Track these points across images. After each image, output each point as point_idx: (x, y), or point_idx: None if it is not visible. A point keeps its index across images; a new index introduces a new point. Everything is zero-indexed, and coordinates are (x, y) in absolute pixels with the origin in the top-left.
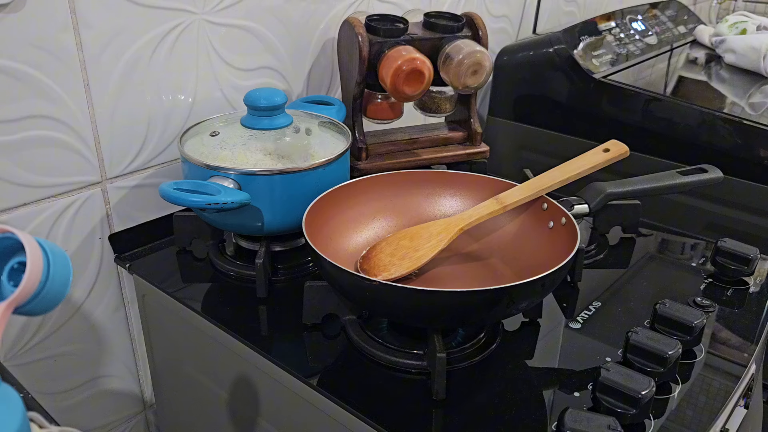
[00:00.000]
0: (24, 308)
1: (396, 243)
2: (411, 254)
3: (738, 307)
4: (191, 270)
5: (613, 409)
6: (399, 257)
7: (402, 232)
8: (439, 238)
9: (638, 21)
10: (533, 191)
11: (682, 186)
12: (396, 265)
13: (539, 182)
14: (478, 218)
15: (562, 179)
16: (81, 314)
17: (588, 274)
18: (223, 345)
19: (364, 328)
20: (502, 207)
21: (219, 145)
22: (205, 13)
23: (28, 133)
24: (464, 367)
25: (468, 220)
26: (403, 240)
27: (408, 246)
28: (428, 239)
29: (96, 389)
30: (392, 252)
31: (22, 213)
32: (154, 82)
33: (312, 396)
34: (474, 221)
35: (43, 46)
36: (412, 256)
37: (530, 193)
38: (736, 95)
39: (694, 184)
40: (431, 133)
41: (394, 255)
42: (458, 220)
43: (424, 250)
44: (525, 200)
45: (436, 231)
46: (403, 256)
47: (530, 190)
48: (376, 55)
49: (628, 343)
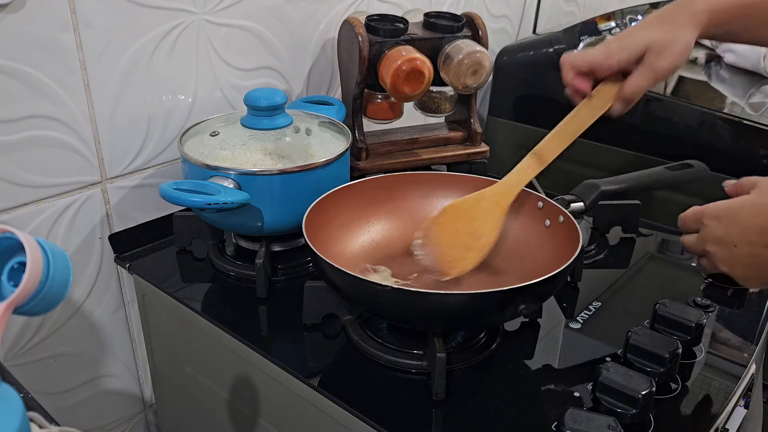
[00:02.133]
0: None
1: (453, 226)
2: (473, 243)
3: (738, 307)
4: (191, 270)
5: (613, 409)
6: (462, 248)
7: (452, 208)
8: (495, 218)
9: (638, 21)
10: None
11: (670, 180)
12: (464, 259)
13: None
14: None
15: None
16: (81, 314)
17: (588, 274)
18: (223, 345)
19: (364, 328)
20: (545, 164)
21: (219, 145)
22: (205, 13)
23: (28, 133)
24: (464, 367)
25: (517, 189)
26: (458, 223)
27: (467, 232)
28: (485, 221)
29: (96, 389)
30: (452, 243)
31: (22, 213)
32: (154, 82)
33: (312, 396)
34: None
35: (43, 46)
36: (475, 246)
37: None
38: (736, 95)
39: (681, 178)
40: (431, 133)
41: (456, 246)
42: (506, 191)
43: (484, 237)
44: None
45: (488, 207)
46: (467, 248)
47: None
48: (376, 55)
49: (628, 343)
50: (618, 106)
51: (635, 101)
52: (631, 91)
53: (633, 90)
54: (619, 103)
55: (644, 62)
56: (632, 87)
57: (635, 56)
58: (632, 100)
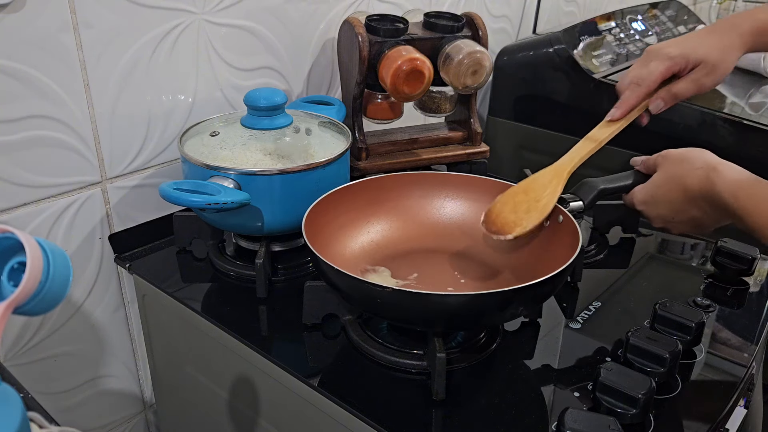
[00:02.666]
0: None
1: (513, 201)
2: (534, 205)
3: (738, 307)
4: (191, 270)
5: (613, 409)
6: (524, 210)
7: (510, 191)
8: (553, 185)
9: (638, 21)
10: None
11: None
12: (525, 218)
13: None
14: (580, 159)
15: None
16: (81, 314)
17: (588, 274)
18: (223, 345)
19: (364, 328)
20: (597, 143)
21: (219, 145)
22: (205, 13)
23: (28, 133)
24: (464, 367)
25: (572, 163)
26: (518, 196)
27: (526, 199)
28: (544, 188)
29: (96, 389)
30: (513, 209)
31: (22, 213)
32: (154, 82)
33: (312, 396)
34: (578, 163)
35: (43, 46)
36: (537, 207)
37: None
38: (736, 95)
39: None
40: (431, 133)
41: (518, 210)
42: (563, 165)
43: (545, 199)
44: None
45: (547, 180)
46: (528, 209)
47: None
48: (376, 55)
49: (628, 343)
50: (660, 103)
51: (676, 102)
52: (678, 93)
53: (680, 93)
54: (662, 101)
55: (694, 75)
56: (680, 90)
57: (690, 67)
58: (676, 101)
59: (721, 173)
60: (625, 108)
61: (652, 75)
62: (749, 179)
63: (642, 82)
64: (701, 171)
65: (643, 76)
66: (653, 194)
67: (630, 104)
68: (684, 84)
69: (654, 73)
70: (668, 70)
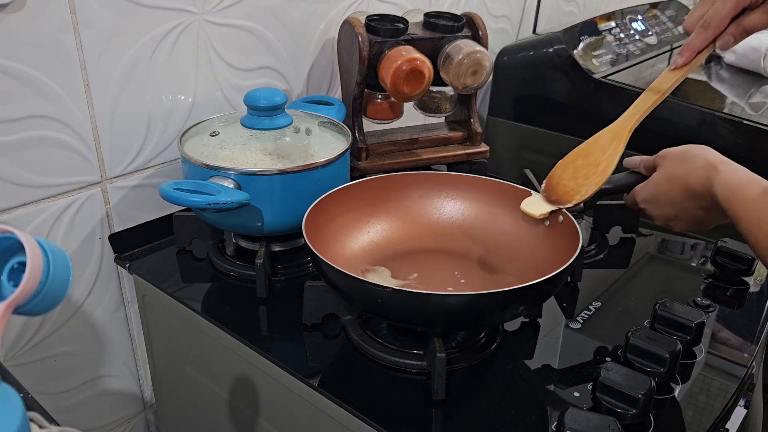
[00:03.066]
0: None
1: (572, 166)
2: (594, 170)
3: (738, 307)
4: (191, 270)
5: (613, 409)
6: (583, 177)
7: (570, 155)
8: (613, 147)
9: (638, 21)
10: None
11: None
12: (584, 185)
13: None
14: (643, 114)
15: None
16: (81, 314)
17: (588, 274)
18: (223, 345)
19: (364, 328)
20: (661, 94)
21: (219, 145)
22: (205, 13)
23: (28, 133)
24: (464, 367)
25: (633, 119)
26: (578, 161)
27: (585, 164)
28: (603, 151)
29: (96, 389)
30: (573, 175)
31: (22, 213)
32: (154, 82)
33: (312, 396)
34: (639, 118)
35: (43, 46)
36: (596, 171)
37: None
38: (736, 95)
39: None
40: (431, 133)
41: (577, 177)
42: (624, 123)
43: (604, 162)
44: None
45: (607, 141)
46: (587, 175)
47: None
48: (376, 55)
49: (628, 343)
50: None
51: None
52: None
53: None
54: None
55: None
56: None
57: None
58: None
59: (720, 173)
60: (690, 53)
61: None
62: (744, 181)
63: (709, 24)
64: (703, 170)
65: (710, 17)
66: (655, 193)
67: (695, 48)
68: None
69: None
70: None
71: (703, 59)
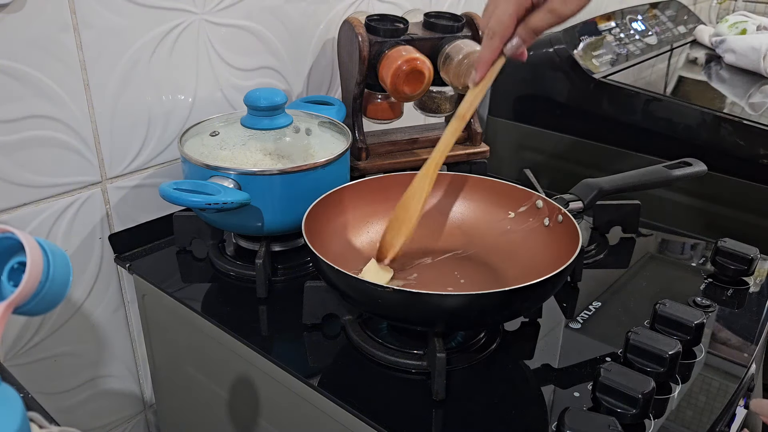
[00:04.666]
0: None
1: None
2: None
3: (738, 307)
4: (191, 270)
5: (613, 409)
6: (397, 229)
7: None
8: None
9: (638, 21)
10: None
11: (669, 179)
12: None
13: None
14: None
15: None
16: (81, 314)
17: (588, 274)
18: (223, 345)
19: (364, 328)
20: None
21: (219, 145)
22: (205, 13)
23: (28, 133)
24: (464, 367)
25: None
26: (398, 212)
27: (403, 216)
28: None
29: (96, 389)
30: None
31: (22, 213)
32: (154, 82)
33: (312, 396)
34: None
35: (43, 46)
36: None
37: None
38: (736, 95)
39: (681, 177)
40: (431, 133)
41: (393, 230)
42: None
43: (412, 209)
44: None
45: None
46: (399, 227)
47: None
48: (376, 55)
49: (628, 343)
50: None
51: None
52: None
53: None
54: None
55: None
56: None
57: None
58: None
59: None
60: (483, 69)
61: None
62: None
63: (494, 32)
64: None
65: (494, 25)
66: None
67: (489, 62)
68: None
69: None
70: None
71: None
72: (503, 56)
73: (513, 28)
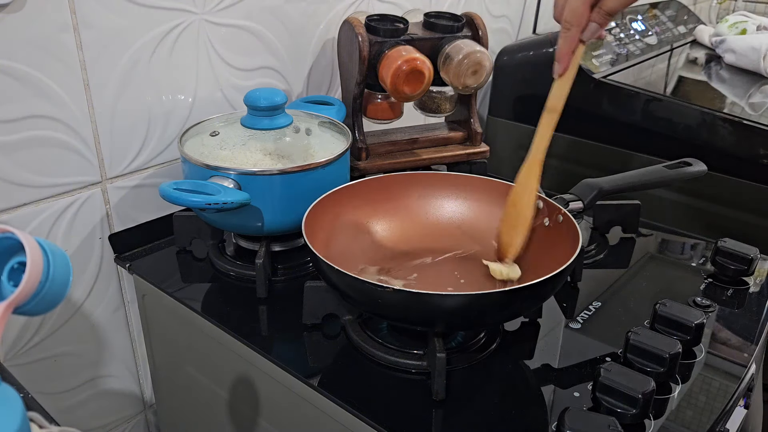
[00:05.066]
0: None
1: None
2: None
3: (738, 307)
4: (191, 270)
5: (613, 409)
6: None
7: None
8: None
9: (638, 21)
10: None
11: (669, 179)
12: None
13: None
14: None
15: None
16: (81, 314)
17: (588, 274)
18: (223, 345)
19: (364, 328)
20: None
21: (219, 145)
22: (205, 13)
23: (28, 133)
24: (464, 367)
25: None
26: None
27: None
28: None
29: (96, 389)
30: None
31: (22, 213)
32: (154, 82)
33: (312, 396)
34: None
35: (43, 46)
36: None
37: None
38: (736, 95)
39: (680, 177)
40: (431, 133)
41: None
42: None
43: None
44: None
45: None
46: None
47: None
48: (376, 55)
49: (628, 343)
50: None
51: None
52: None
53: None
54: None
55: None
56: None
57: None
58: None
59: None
60: (566, 58)
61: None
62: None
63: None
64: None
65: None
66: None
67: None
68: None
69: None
70: None
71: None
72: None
73: (588, 15)
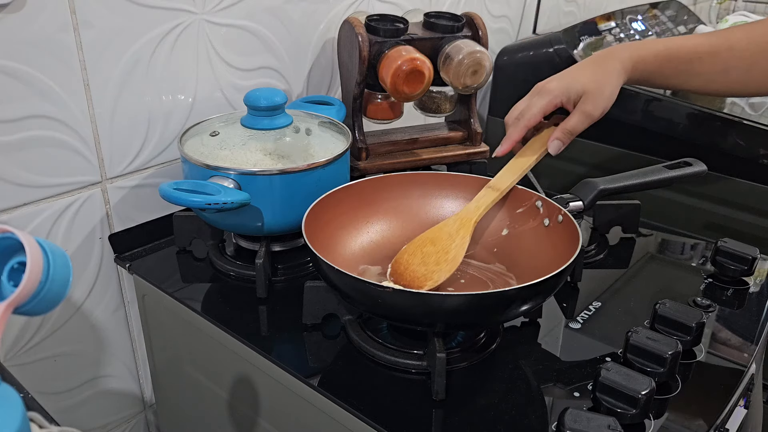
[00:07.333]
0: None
1: (420, 251)
2: (444, 257)
3: (738, 307)
4: (191, 270)
5: (613, 409)
6: (434, 263)
7: (417, 240)
8: (461, 236)
9: (638, 21)
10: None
11: (669, 179)
12: (436, 271)
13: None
14: (486, 208)
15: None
16: (81, 314)
17: (588, 274)
18: (223, 345)
19: (364, 328)
20: (500, 192)
21: (219, 145)
22: (205, 13)
23: (28, 133)
24: (464, 367)
25: (477, 212)
26: (426, 247)
27: (435, 251)
28: (452, 239)
29: (96, 389)
30: (422, 261)
31: (22, 213)
32: (154, 82)
33: (312, 396)
34: (483, 212)
35: (43, 46)
36: (446, 258)
37: (517, 174)
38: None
39: (680, 178)
40: (431, 133)
41: (428, 263)
42: (468, 215)
43: (454, 250)
44: (515, 182)
45: (454, 230)
46: (437, 261)
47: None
48: (376, 55)
49: (628, 343)
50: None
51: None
52: (572, 128)
53: (574, 128)
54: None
55: (581, 107)
56: (573, 125)
57: (574, 99)
58: (573, 136)
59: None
60: (508, 144)
61: (532, 110)
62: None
63: (522, 116)
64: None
65: (524, 111)
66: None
67: (513, 139)
68: (575, 118)
69: (534, 108)
70: (549, 104)
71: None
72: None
73: (539, 118)
